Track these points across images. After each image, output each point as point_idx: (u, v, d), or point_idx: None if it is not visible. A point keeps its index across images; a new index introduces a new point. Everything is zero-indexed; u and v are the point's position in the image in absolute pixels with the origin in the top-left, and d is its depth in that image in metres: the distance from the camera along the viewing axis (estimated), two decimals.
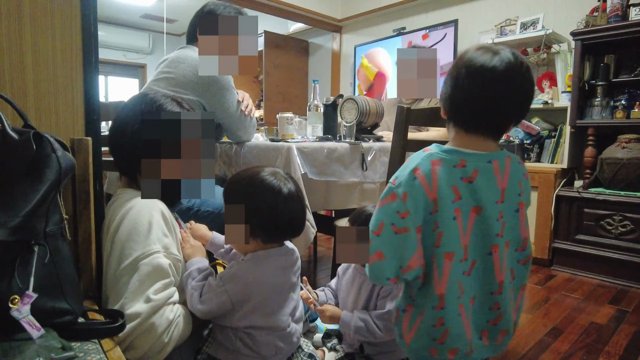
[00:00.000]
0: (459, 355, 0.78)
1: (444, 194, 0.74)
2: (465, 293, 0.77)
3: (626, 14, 2.38)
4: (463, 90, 0.75)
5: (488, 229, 0.77)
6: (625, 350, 1.57)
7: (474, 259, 0.77)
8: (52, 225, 0.68)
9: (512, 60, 0.73)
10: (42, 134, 0.67)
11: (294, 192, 0.90)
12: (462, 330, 0.77)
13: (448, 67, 0.84)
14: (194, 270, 0.93)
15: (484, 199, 0.76)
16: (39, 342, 0.58)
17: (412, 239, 0.75)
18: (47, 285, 0.64)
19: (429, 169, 0.75)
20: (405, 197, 0.74)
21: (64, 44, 0.87)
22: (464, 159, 0.76)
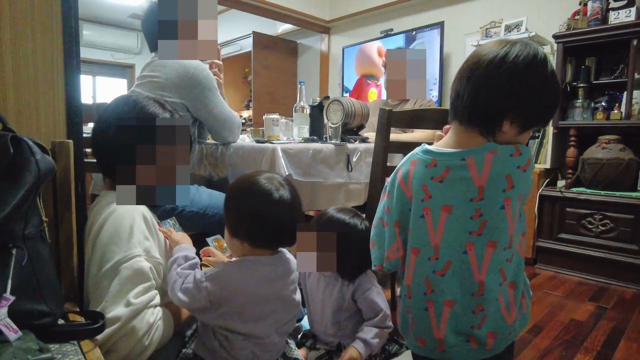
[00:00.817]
0: (427, 345, 0.81)
1: (416, 192, 0.79)
2: (437, 293, 0.78)
3: (606, 17, 2.43)
4: (455, 82, 0.78)
5: (461, 227, 0.76)
6: (603, 345, 1.62)
7: (448, 260, 0.77)
8: (31, 227, 0.68)
9: (516, 51, 0.71)
10: (21, 137, 0.67)
11: (285, 199, 0.88)
12: (428, 325, 0.80)
13: (434, 69, 0.86)
14: (181, 257, 0.92)
15: (454, 197, 0.75)
16: (16, 344, 0.58)
17: (390, 232, 0.85)
18: (25, 287, 0.65)
19: (407, 169, 0.81)
20: (388, 195, 0.85)
21: (44, 46, 0.87)
22: (435, 159, 0.77)
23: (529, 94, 0.71)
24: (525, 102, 0.71)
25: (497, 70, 0.71)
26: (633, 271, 2.26)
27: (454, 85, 0.78)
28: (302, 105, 1.97)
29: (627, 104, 2.36)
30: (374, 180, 1.41)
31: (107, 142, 0.93)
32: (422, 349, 0.83)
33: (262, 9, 3.97)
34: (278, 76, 4.74)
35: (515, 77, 0.70)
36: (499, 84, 0.71)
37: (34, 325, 0.65)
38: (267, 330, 0.90)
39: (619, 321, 1.84)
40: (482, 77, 0.72)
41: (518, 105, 0.71)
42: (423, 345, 0.82)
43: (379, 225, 0.88)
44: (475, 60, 0.73)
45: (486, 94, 0.72)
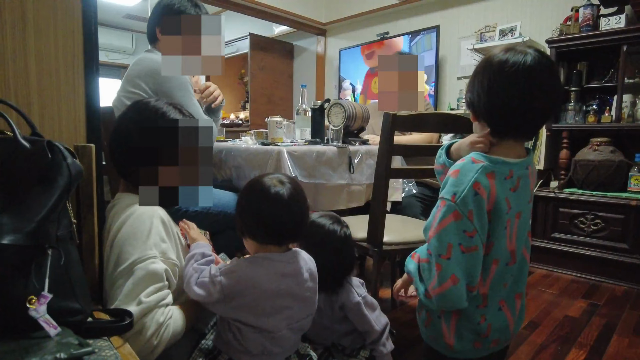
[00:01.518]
0: (499, 344, 0.84)
1: (500, 206, 0.75)
2: (509, 291, 0.82)
3: (597, 24, 2.51)
4: (499, 93, 0.74)
5: (524, 228, 0.82)
6: (596, 340, 1.68)
7: (520, 260, 0.82)
8: (63, 229, 0.71)
9: (541, 57, 0.74)
10: (54, 143, 0.70)
11: (282, 195, 0.91)
12: (504, 325, 0.82)
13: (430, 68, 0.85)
14: (198, 254, 0.96)
15: (522, 204, 0.80)
16: (56, 339, 0.61)
17: (480, 256, 0.75)
18: (59, 286, 0.68)
19: (487, 183, 0.74)
20: (471, 215, 0.72)
21: (66, 52, 0.90)
22: (512, 170, 0.77)
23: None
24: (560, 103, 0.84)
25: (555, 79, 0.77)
26: (623, 269, 2.34)
27: (494, 97, 0.75)
28: (304, 107, 2.01)
29: (617, 107, 2.44)
30: (378, 182, 1.45)
31: (127, 145, 0.96)
32: (492, 348, 0.84)
33: (258, 11, 4.00)
34: (274, 78, 4.77)
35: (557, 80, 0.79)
36: (558, 96, 0.79)
37: (68, 322, 0.68)
38: (279, 325, 0.93)
39: (610, 317, 1.91)
40: (556, 93, 0.77)
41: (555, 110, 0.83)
42: (496, 345, 0.83)
43: (457, 254, 0.73)
44: (520, 73, 0.73)
45: (548, 111, 0.78)
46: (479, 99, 0.78)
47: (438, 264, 0.73)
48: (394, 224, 1.66)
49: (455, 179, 0.75)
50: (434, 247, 0.75)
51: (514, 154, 0.80)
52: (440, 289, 0.73)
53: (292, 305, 0.95)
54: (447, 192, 0.75)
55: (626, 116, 2.47)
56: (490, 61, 0.76)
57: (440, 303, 0.76)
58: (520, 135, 0.80)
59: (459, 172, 0.76)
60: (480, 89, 0.77)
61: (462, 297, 0.74)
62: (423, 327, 0.89)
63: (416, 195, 2.20)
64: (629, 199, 2.32)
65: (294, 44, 4.90)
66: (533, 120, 0.77)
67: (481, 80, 0.77)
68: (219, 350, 0.95)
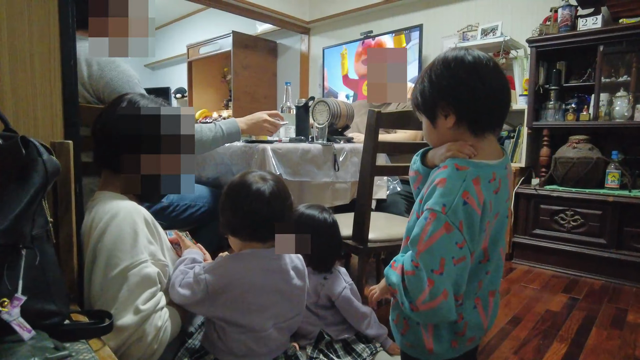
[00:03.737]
0: (474, 341, 0.83)
1: (485, 210, 0.74)
2: (484, 288, 0.81)
3: (575, 24, 2.56)
4: (466, 85, 0.74)
5: (501, 227, 0.80)
6: (576, 333, 1.72)
7: (494, 259, 0.81)
8: (38, 228, 0.68)
9: (484, 54, 0.77)
10: (28, 139, 0.67)
11: (262, 191, 0.90)
12: (478, 322, 0.82)
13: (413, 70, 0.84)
14: (188, 259, 0.96)
15: (501, 203, 0.78)
16: (30, 343, 0.59)
17: (468, 265, 0.73)
18: (34, 287, 0.65)
19: (474, 190, 0.72)
20: (461, 226, 0.71)
21: (42, 47, 0.87)
22: (494, 172, 0.76)
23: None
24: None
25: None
26: (601, 263, 2.40)
27: (483, 101, 0.75)
28: (288, 105, 2.00)
29: (595, 106, 2.50)
30: (364, 179, 1.45)
31: (112, 140, 0.94)
32: (467, 346, 0.83)
33: (241, 9, 3.96)
34: (258, 76, 4.73)
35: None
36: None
37: (44, 324, 0.66)
38: (265, 324, 0.92)
39: (589, 310, 1.96)
40: (507, 90, 0.78)
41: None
42: (471, 343, 0.83)
43: (449, 268, 0.71)
44: (483, 67, 0.75)
45: (506, 96, 0.79)
46: (454, 94, 0.76)
47: (430, 279, 0.70)
48: (379, 221, 1.67)
49: (442, 188, 0.73)
50: (425, 261, 0.71)
51: (493, 154, 0.79)
52: (432, 304, 0.71)
53: (278, 303, 0.94)
54: (436, 203, 0.72)
55: (603, 114, 2.53)
56: (463, 59, 0.75)
57: (430, 317, 0.73)
58: (499, 124, 0.79)
59: (445, 182, 0.73)
60: (458, 84, 0.75)
61: (452, 311, 0.72)
62: (399, 336, 0.86)
63: (400, 193, 2.21)
64: (606, 195, 2.38)
65: (277, 42, 4.87)
66: (505, 107, 0.78)
67: (458, 76, 0.75)
68: (205, 350, 0.93)
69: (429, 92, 0.78)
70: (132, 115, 0.92)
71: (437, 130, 0.80)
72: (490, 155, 0.78)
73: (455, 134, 0.78)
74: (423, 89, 0.79)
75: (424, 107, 0.81)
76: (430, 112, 0.80)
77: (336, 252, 1.30)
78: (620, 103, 2.46)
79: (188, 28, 5.79)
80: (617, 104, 2.48)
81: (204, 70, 5.34)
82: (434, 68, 0.78)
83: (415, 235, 0.74)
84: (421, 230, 0.73)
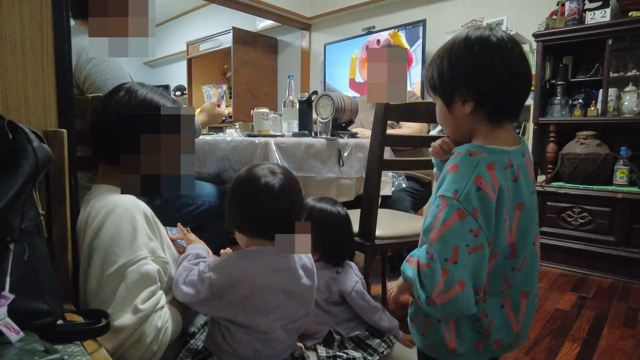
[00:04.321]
0: (503, 345, 0.77)
1: (502, 198, 0.70)
2: (514, 287, 0.76)
3: (582, 18, 2.51)
4: (490, 73, 0.70)
5: (530, 221, 0.76)
6: (588, 333, 1.67)
7: (524, 256, 0.75)
8: (28, 221, 0.63)
9: (509, 35, 0.72)
10: (16, 124, 0.62)
11: (272, 186, 0.85)
12: (506, 323, 0.76)
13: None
14: (192, 255, 0.92)
15: (524, 194, 0.74)
16: (18, 345, 0.54)
17: (486, 255, 0.69)
18: (24, 285, 0.60)
19: (488, 175, 0.69)
20: (475, 212, 0.67)
21: (33, 30, 0.82)
22: (510, 158, 0.72)
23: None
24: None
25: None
26: (610, 261, 2.35)
27: (505, 89, 0.71)
28: (291, 99, 1.94)
29: (603, 101, 2.45)
30: (371, 174, 1.40)
31: (110, 131, 0.89)
32: (495, 351, 0.78)
33: (242, 4, 3.91)
34: (258, 73, 4.68)
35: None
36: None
37: (35, 325, 0.60)
38: (273, 326, 0.87)
39: (600, 310, 1.91)
40: (530, 78, 0.75)
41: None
42: (499, 347, 0.77)
43: (464, 256, 0.67)
44: (507, 50, 0.71)
45: (528, 84, 0.75)
46: (475, 80, 0.71)
47: (444, 269, 0.67)
48: (384, 218, 1.62)
49: (454, 174, 0.70)
50: (438, 250, 0.68)
51: (510, 140, 0.75)
52: (448, 296, 0.67)
53: (286, 303, 0.89)
54: (447, 189, 0.69)
55: (611, 110, 2.48)
56: (487, 42, 0.70)
57: (447, 310, 0.69)
58: (517, 114, 0.76)
59: (457, 167, 0.70)
60: (480, 70, 0.70)
61: (470, 303, 0.68)
62: (419, 336, 0.81)
63: (406, 189, 2.16)
64: (614, 192, 2.33)
65: (278, 39, 4.82)
66: (526, 95, 0.76)
67: (481, 61, 0.70)
68: (209, 352, 0.88)
69: (447, 75, 0.74)
70: (132, 115, 0.89)
71: (452, 116, 0.77)
72: (505, 142, 0.75)
73: (472, 120, 0.75)
74: (442, 71, 0.74)
75: (441, 90, 0.76)
76: (448, 96, 0.75)
77: (349, 246, 1.29)
78: (629, 98, 2.41)
79: (187, 25, 5.74)
80: (625, 99, 2.43)
81: (204, 67, 5.28)
82: (454, 48, 0.73)
83: (428, 224, 0.71)
84: (433, 219, 0.70)
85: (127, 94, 0.91)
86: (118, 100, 0.90)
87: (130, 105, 0.90)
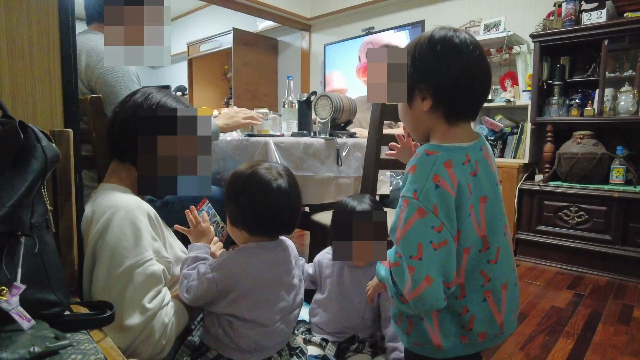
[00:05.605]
0: (488, 337, 0.78)
1: (461, 193, 0.72)
2: (494, 280, 0.77)
3: (579, 18, 2.54)
4: (449, 72, 0.72)
5: (496, 212, 0.77)
6: (583, 329, 1.70)
7: (498, 246, 0.77)
8: (38, 216, 0.67)
9: (472, 37, 0.74)
10: (27, 124, 0.66)
11: (283, 188, 0.89)
12: (489, 314, 0.77)
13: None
14: (191, 259, 0.94)
15: (485, 187, 0.76)
16: (30, 332, 0.57)
17: (452, 250, 0.71)
18: (34, 276, 0.63)
19: (445, 172, 0.71)
20: (436, 209, 0.69)
21: (40, 34, 0.85)
22: (467, 154, 0.75)
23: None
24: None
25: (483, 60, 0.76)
26: (606, 260, 2.38)
27: (464, 90, 0.73)
28: (290, 100, 1.97)
29: (599, 101, 2.47)
30: (367, 173, 1.43)
31: (127, 133, 0.93)
32: (481, 344, 0.79)
33: (242, 5, 3.94)
34: (258, 73, 4.71)
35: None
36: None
37: (44, 315, 0.64)
38: (274, 318, 0.91)
39: (595, 307, 1.93)
40: (489, 81, 0.77)
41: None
42: (484, 339, 0.78)
43: (428, 253, 0.69)
44: (466, 50, 0.73)
45: (487, 86, 0.77)
46: (435, 79, 0.74)
47: (410, 266, 0.69)
48: None
49: (413, 175, 0.72)
50: (403, 248, 0.70)
51: (467, 137, 0.78)
52: (416, 292, 0.69)
53: (284, 295, 0.93)
54: (407, 189, 0.72)
55: (608, 109, 2.50)
56: (450, 42, 0.73)
57: (418, 306, 0.70)
58: (474, 115, 0.79)
59: (416, 168, 0.73)
60: (440, 69, 0.73)
61: (439, 297, 0.70)
62: (405, 336, 0.83)
63: None
64: (611, 191, 2.35)
65: (278, 40, 4.85)
66: (483, 97, 0.77)
67: (442, 60, 0.73)
68: (207, 347, 0.91)
69: (409, 72, 0.75)
70: (149, 116, 0.92)
71: (412, 112, 0.79)
72: (462, 139, 0.77)
73: (430, 118, 0.77)
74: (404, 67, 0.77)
75: None
76: (409, 92, 0.77)
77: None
78: (625, 98, 2.44)
79: (188, 26, 5.78)
80: (621, 99, 2.46)
81: (205, 67, 5.32)
82: (418, 46, 0.75)
83: (392, 224, 0.74)
84: (397, 218, 0.72)
85: (143, 96, 0.95)
86: (134, 102, 0.94)
87: (146, 110, 0.94)
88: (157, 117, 0.91)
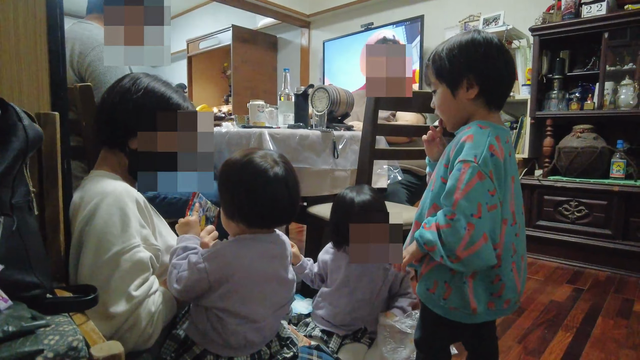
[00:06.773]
0: (510, 304, 0.86)
1: (506, 166, 0.81)
2: (517, 253, 0.85)
3: (579, 11, 2.52)
4: (495, 65, 0.83)
5: (520, 192, 0.87)
6: (582, 323, 1.68)
7: (519, 223, 0.86)
8: (19, 196, 0.65)
9: (501, 41, 0.88)
10: (7, 102, 0.64)
11: (280, 176, 0.85)
12: (514, 284, 0.84)
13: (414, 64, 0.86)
14: (180, 248, 0.91)
15: (514, 168, 0.86)
16: (7, 312, 0.55)
17: (499, 215, 0.80)
18: (13, 257, 0.62)
19: (497, 145, 0.80)
20: (491, 175, 0.78)
21: (26, 15, 0.84)
22: (508, 136, 0.85)
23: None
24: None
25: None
26: (606, 255, 2.36)
27: (505, 81, 0.86)
28: (287, 92, 1.96)
29: (600, 95, 2.45)
30: (362, 164, 1.41)
31: (115, 119, 0.92)
32: (504, 310, 0.86)
33: (241, 2, 3.93)
34: (258, 70, 4.70)
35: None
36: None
37: (23, 297, 0.62)
38: (265, 313, 0.88)
39: (595, 301, 1.91)
40: (515, 66, 0.88)
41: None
42: (507, 306, 0.85)
43: (485, 213, 0.76)
44: (503, 48, 0.86)
45: (514, 80, 0.91)
46: (483, 70, 0.83)
47: (470, 224, 0.75)
48: None
49: (471, 142, 0.80)
50: (464, 207, 0.76)
51: (500, 124, 0.87)
52: (473, 248, 0.75)
53: (277, 289, 0.90)
54: (467, 154, 0.78)
55: (608, 103, 2.48)
56: (491, 41, 0.85)
57: (472, 262, 0.77)
58: (503, 104, 0.90)
59: (473, 137, 0.80)
60: (488, 62, 0.83)
61: (492, 254, 0.78)
62: (441, 301, 0.85)
63: (401, 182, 2.17)
64: (611, 185, 2.33)
65: (277, 37, 4.84)
66: (510, 89, 0.89)
67: (489, 54, 0.83)
68: (192, 341, 0.88)
69: (459, 62, 0.84)
70: (149, 114, 0.90)
71: (455, 100, 0.87)
72: (500, 123, 0.88)
73: (472, 105, 0.86)
74: (453, 59, 0.85)
75: (449, 75, 0.86)
76: (455, 82, 0.85)
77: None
78: (626, 91, 2.42)
79: (188, 23, 5.77)
80: (622, 92, 2.43)
81: (204, 65, 5.31)
82: (464, 43, 0.84)
83: (450, 186, 0.79)
84: (456, 181, 0.78)
85: (131, 81, 0.94)
86: (122, 87, 0.93)
87: (133, 90, 0.93)
88: (157, 114, 0.89)
